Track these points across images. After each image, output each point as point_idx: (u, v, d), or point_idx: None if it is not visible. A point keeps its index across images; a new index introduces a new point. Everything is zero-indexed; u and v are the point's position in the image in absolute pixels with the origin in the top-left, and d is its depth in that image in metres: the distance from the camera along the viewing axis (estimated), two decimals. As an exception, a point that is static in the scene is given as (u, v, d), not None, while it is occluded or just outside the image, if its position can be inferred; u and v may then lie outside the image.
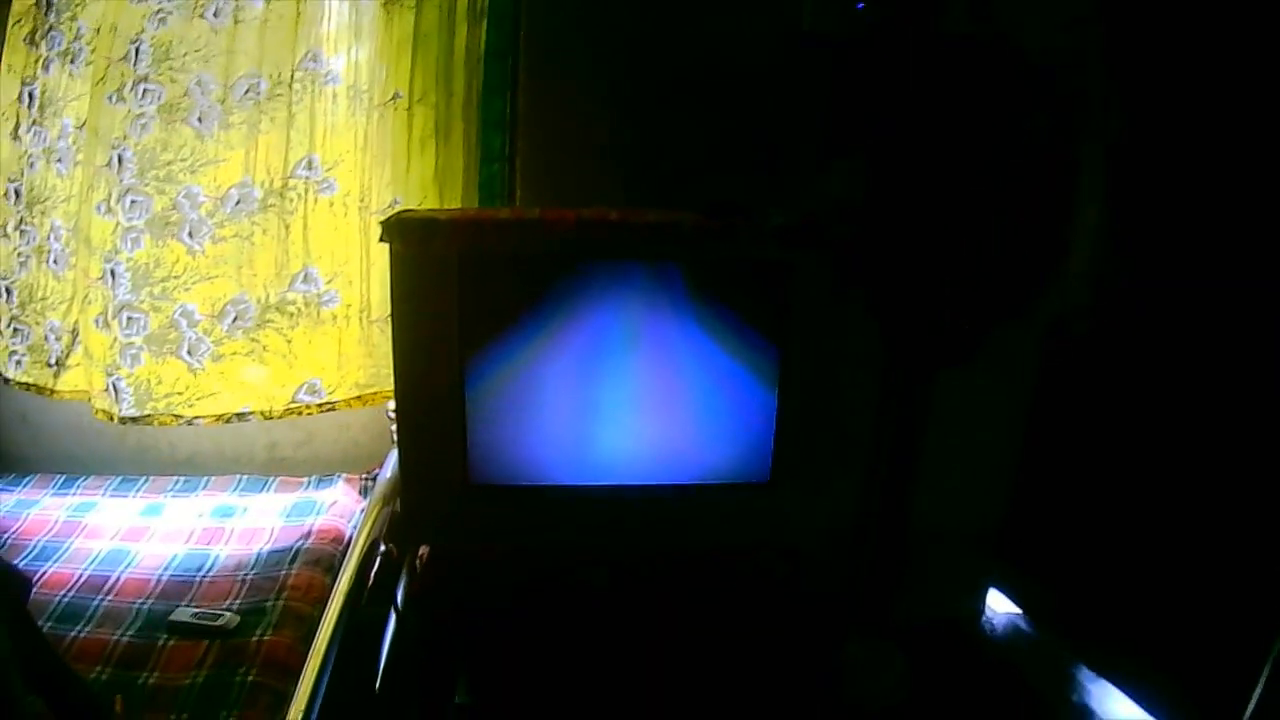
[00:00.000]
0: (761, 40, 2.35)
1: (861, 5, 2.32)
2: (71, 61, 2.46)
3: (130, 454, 2.77)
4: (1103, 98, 1.99)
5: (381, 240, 2.03)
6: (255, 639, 1.95)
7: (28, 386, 2.64)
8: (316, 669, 1.72)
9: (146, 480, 2.66)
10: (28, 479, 2.67)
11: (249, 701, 1.80)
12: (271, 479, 2.63)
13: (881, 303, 2.16)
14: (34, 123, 2.48)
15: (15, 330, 2.61)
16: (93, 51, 2.39)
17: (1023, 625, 2.33)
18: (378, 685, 1.90)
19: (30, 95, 2.47)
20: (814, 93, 2.30)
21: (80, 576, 2.18)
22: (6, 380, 2.67)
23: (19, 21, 2.44)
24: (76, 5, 2.40)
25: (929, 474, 2.14)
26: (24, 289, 2.59)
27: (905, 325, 2.19)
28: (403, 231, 2.03)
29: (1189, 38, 1.96)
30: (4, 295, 2.61)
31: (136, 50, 2.34)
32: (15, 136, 2.52)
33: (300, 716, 1.60)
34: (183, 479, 2.66)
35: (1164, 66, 1.98)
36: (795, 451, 2.11)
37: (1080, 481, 2.15)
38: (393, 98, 2.41)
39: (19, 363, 2.63)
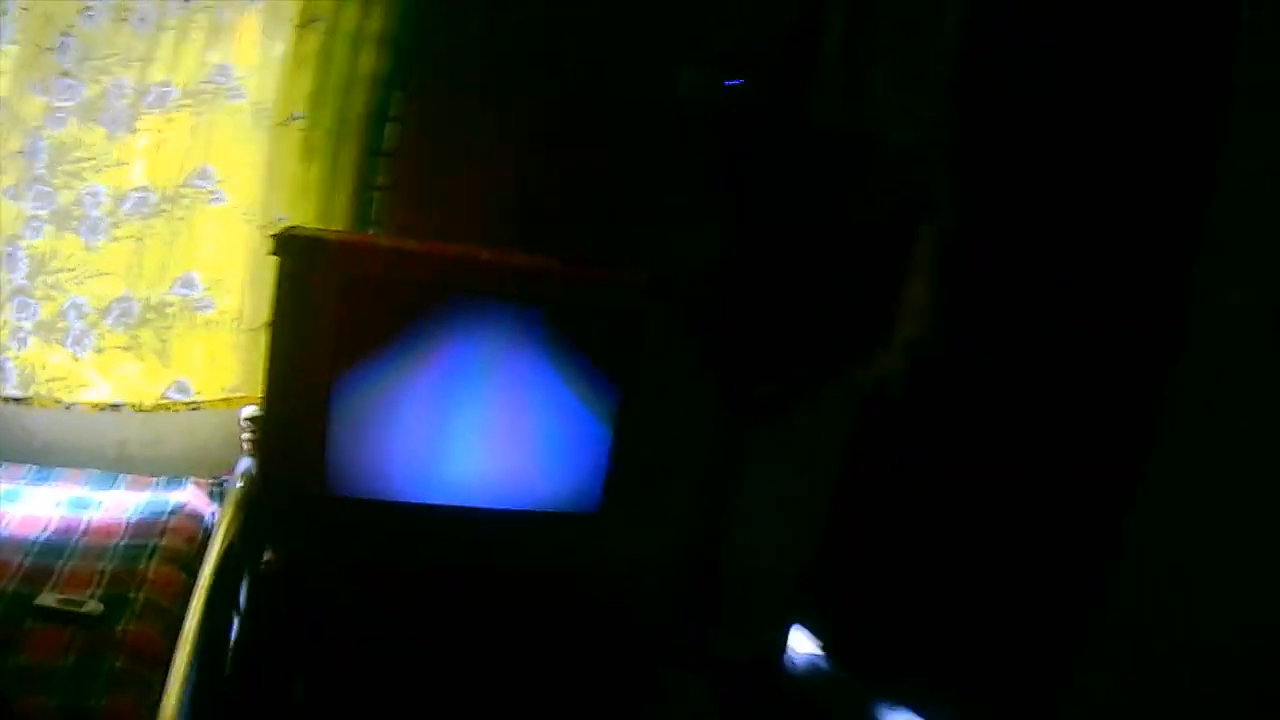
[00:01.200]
0: (639, 106, 2.59)
1: (730, 85, 2.57)
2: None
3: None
4: (942, 187, 2.23)
5: (272, 254, 2.19)
6: (120, 628, 2.03)
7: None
8: (186, 661, 1.86)
9: (2, 466, 2.72)
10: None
11: (118, 687, 1.89)
12: (121, 476, 2.73)
13: (716, 357, 2.39)
14: None
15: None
16: (20, 33, 2.49)
17: (823, 663, 2.56)
18: (227, 681, 2.04)
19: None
20: (681, 159, 2.55)
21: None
22: None
23: None
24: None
25: (745, 517, 2.38)
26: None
27: (732, 379, 2.42)
28: (293, 247, 2.21)
29: (1015, 141, 2.25)
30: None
31: (64, 43, 2.48)
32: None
33: (174, 704, 1.75)
34: (35, 468, 2.72)
35: (993, 163, 2.23)
36: (625, 487, 2.34)
37: (881, 529, 2.41)
38: (291, 118, 2.59)
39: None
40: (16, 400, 2.62)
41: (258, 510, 2.33)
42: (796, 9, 2.45)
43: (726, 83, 2.56)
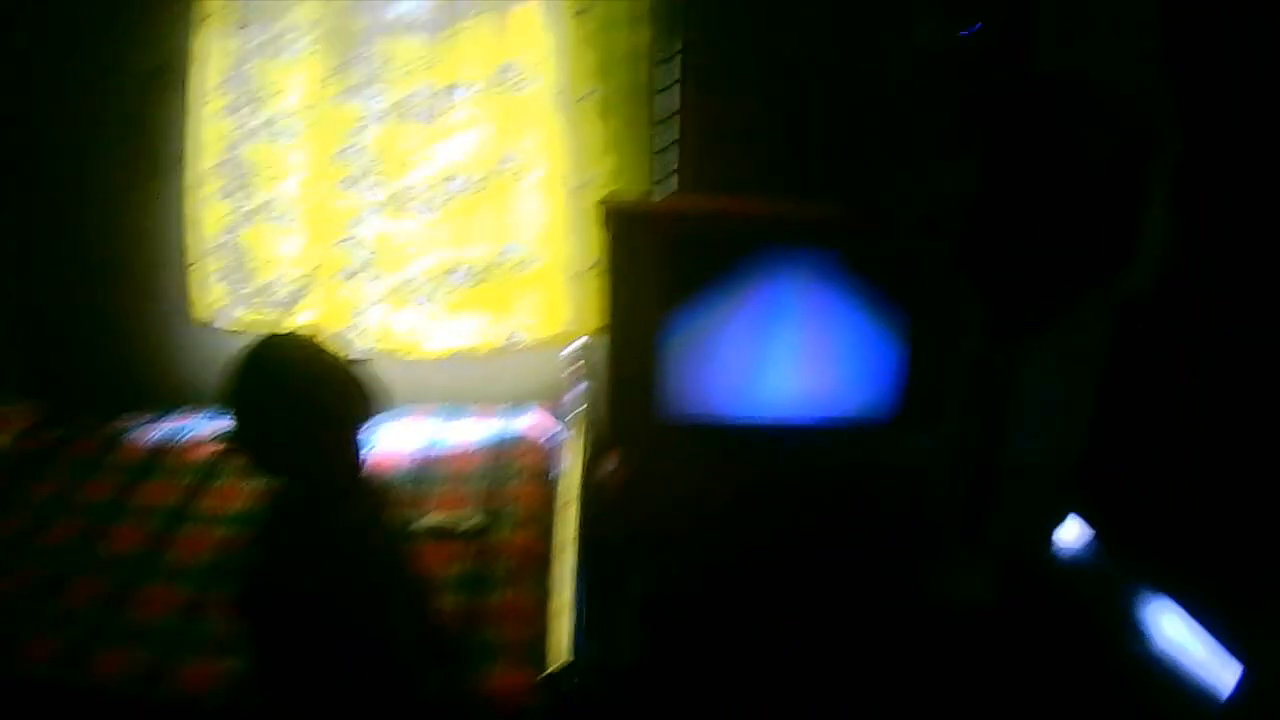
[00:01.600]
0: (889, 54, 2.89)
1: (964, 33, 2.85)
2: (284, 53, 2.97)
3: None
4: (1166, 124, 2.42)
5: (604, 227, 2.59)
6: (506, 537, 2.49)
7: (250, 327, 3.15)
8: (573, 559, 2.24)
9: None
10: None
11: (510, 585, 2.29)
12: (467, 407, 3.17)
13: (985, 280, 2.71)
14: (249, 102, 2.99)
15: (236, 282, 3.12)
16: (320, 50, 2.91)
17: (1093, 552, 2.85)
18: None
19: (240, 78, 2.98)
20: (934, 104, 2.86)
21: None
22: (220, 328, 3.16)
23: (212, 16, 2.93)
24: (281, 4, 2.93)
25: (1020, 420, 2.69)
26: (245, 246, 3.10)
27: (998, 301, 2.72)
28: (619, 218, 2.61)
29: (1236, 73, 2.44)
30: (222, 253, 3.11)
31: (363, 56, 2.91)
32: (221, 116, 3.01)
33: (568, 596, 2.10)
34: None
35: (1216, 98, 2.45)
36: (916, 398, 2.73)
37: (1147, 427, 2.70)
38: (585, 94, 2.97)
39: (240, 307, 3.15)
40: (369, 357, 3.08)
41: (603, 430, 2.74)
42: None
43: (960, 31, 2.84)
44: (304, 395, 1.51)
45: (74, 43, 3.01)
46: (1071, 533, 2.90)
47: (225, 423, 1.52)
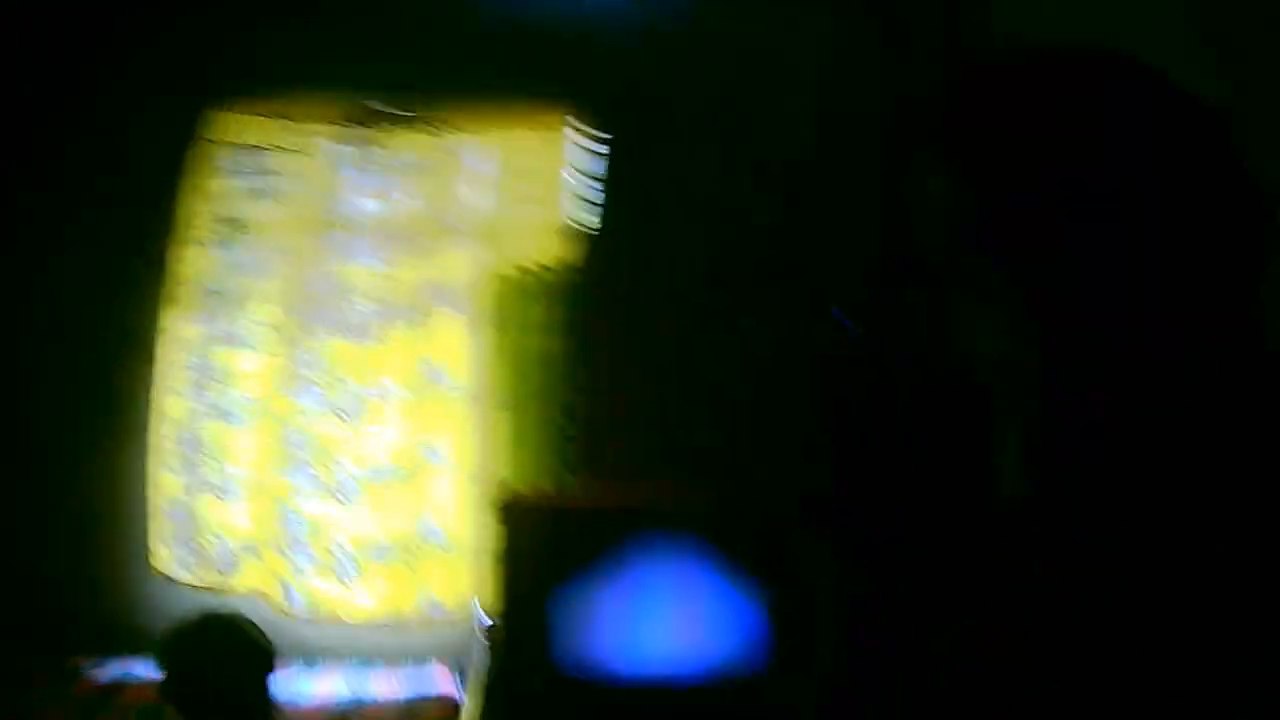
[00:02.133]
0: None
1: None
2: (238, 344, 3.46)
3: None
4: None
5: (499, 521, 3.00)
6: None
7: (196, 587, 3.53)
8: None
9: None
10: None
11: None
12: (376, 662, 3.49)
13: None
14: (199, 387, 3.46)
15: (184, 544, 3.53)
16: (260, 345, 3.40)
17: None
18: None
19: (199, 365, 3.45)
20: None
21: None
22: (172, 581, 3.56)
23: (180, 300, 3.43)
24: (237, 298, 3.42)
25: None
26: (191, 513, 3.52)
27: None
28: (512, 514, 3.02)
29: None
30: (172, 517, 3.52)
31: (304, 358, 3.39)
32: (180, 395, 3.47)
33: None
34: (300, 659, 3.48)
35: None
36: (785, 648, 3.09)
37: None
38: (495, 398, 3.48)
39: (187, 568, 3.55)
40: (305, 620, 3.50)
41: (500, 691, 3.11)
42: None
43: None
44: (226, 654, 2.00)
45: (57, 316, 3.50)
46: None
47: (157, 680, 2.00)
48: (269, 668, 2.06)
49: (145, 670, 3.33)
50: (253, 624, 2.08)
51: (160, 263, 3.47)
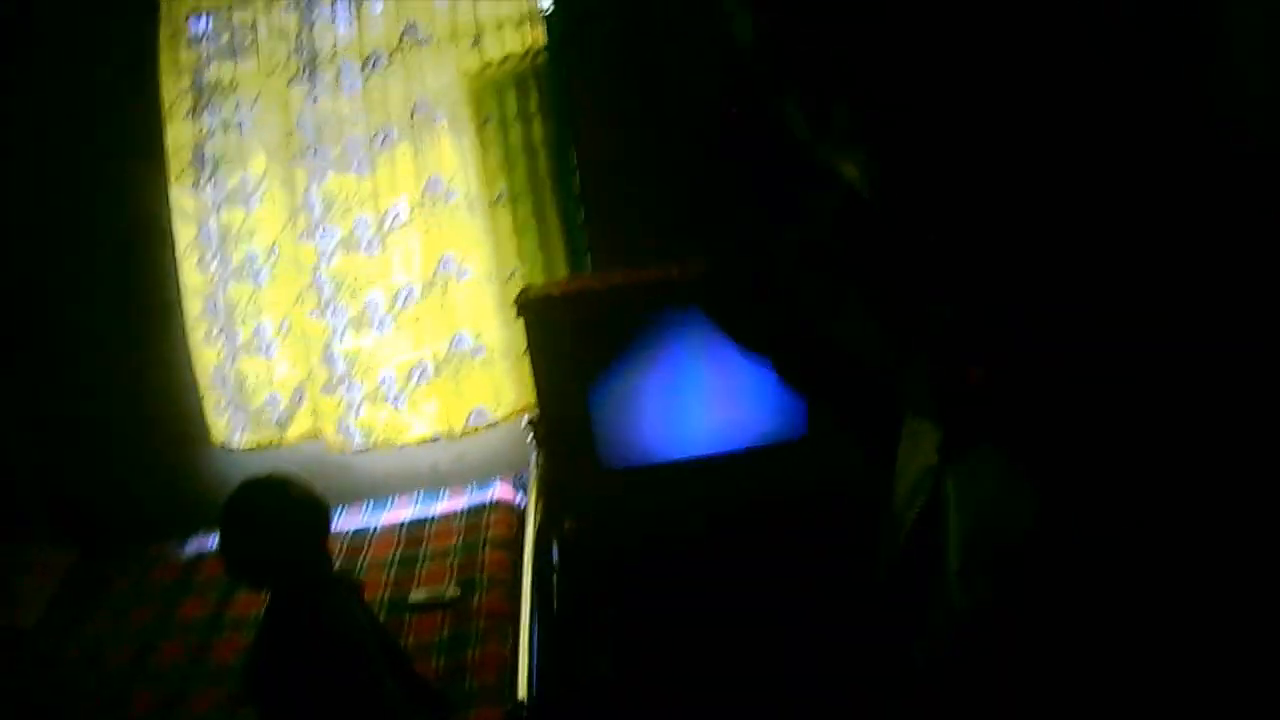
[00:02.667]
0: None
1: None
2: (244, 204, 3.49)
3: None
4: None
5: (517, 316, 3.04)
6: (475, 602, 2.95)
7: (254, 448, 3.67)
8: (528, 613, 2.64)
9: (344, 508, 3.64)
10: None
11: (483, 642, 2.76)
12: (443, 490, 3.67)
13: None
14: (216, 253, 3.53)
15: (235, 409, 3.65)
16: (270, 198, 3.46)
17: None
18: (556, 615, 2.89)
19: (209, 232, 3.52)
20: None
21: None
22: (231, 450, 3.69)
23: (180, 174, 3.48)
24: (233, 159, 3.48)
25: None
26: (236, 377, 3.62)
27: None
28: (530, 307, 3.06)
29: None
30: (220, 385, 3.63)
31: (309, 200, 3.41)
32: (200, 266, 3.53)
33: (525, 644, 2.51)
34: (372, 500, 3.67)
35: None
36: (826, 416, 3.10)
37: None
38: (498, 198, 3.48)
39: (242, 430, 3.66)
40: (364, 451, 3.63)
41: (552, 492, 3.20)
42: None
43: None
44: (275, 527, 2.04)
45: (66, 211, 3.60)
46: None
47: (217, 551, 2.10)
48: (323, 528, 2.12)
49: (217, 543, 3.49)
50: (300, 484, 2.12)
51: (153, 138, 3.49)
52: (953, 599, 2.28)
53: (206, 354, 3.63)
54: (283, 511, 2.06)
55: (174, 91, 3.45)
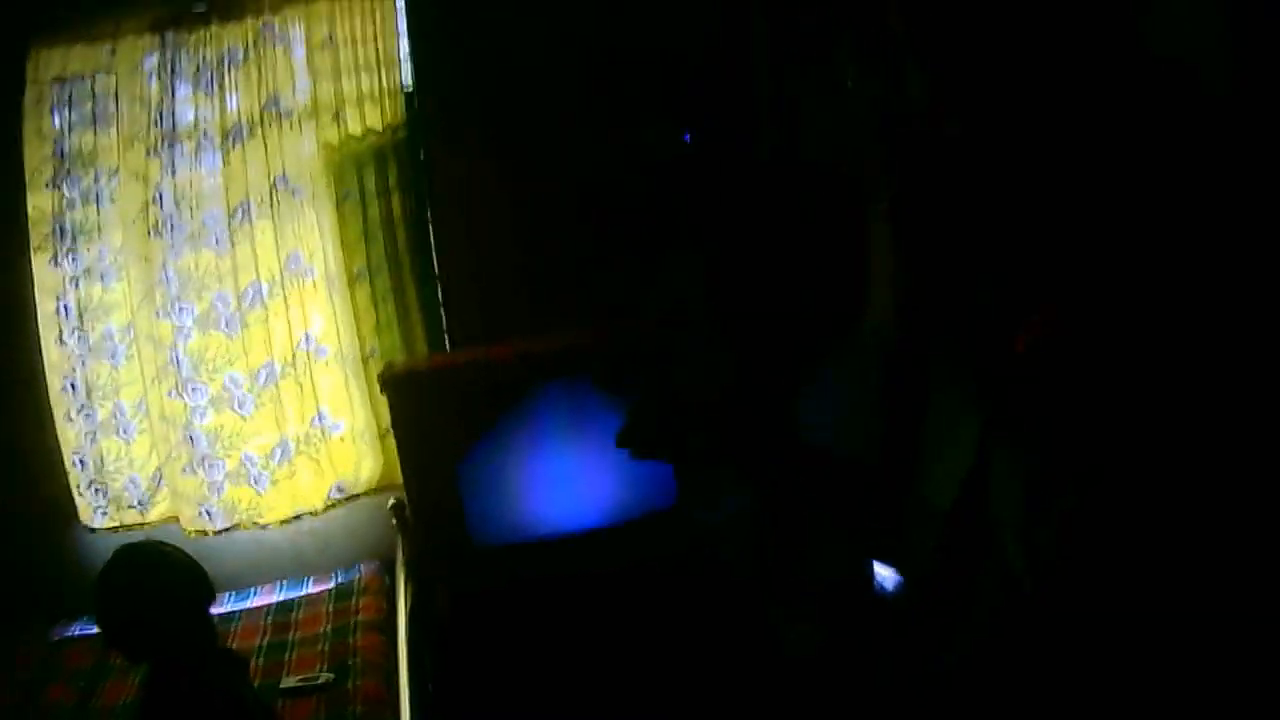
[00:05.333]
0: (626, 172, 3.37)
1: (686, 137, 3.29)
2: (101, 279, 3.46)
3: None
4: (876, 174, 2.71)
5: (381, 393, 3.04)
6: (350, 686, 2.94)
7: (115, 529, 3.61)
8: (407, 695, 2.69)
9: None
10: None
11: None
12: (307, 577, 3.66)
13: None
14: (75, 329, 3.51)
15: (96, 490, 3.59)
16: (127, 275, 3.42)
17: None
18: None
19: (66, 307, 3.50)
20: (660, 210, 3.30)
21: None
22: (92, 530, 3.63)
23: (39, 246, 3.47)
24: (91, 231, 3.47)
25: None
26: (95, 457, 3.57)
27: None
28: (395, 385, 3.07)
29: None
30: (78, 466, 3.58)
31: (166, 276, 3.39)
32: (60, 342, 3.49)
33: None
34: (233, 592, 3.61)
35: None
36: (692, 478, 3.14)
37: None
38: (357, 275, 3.52)
39: (103, 513, 3.61)
40: (225, 531, 3.61)
41: (423, 573, 3.19)
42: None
43: (685, 135, 3.29)
44: (157, 593, 2.03)
45: None
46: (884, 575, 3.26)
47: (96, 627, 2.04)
48: (205, 594, 2.13)
49: (85, 627, 3.40)
50: (180, 552, 2.14)
51: (15, 208, 3.46)
52: (1012, 566, 2.35)
53: (68, 433, 3.59)
54: (162, 575, 2.06)
55: (36, 159, 3.47)
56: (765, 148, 3.16)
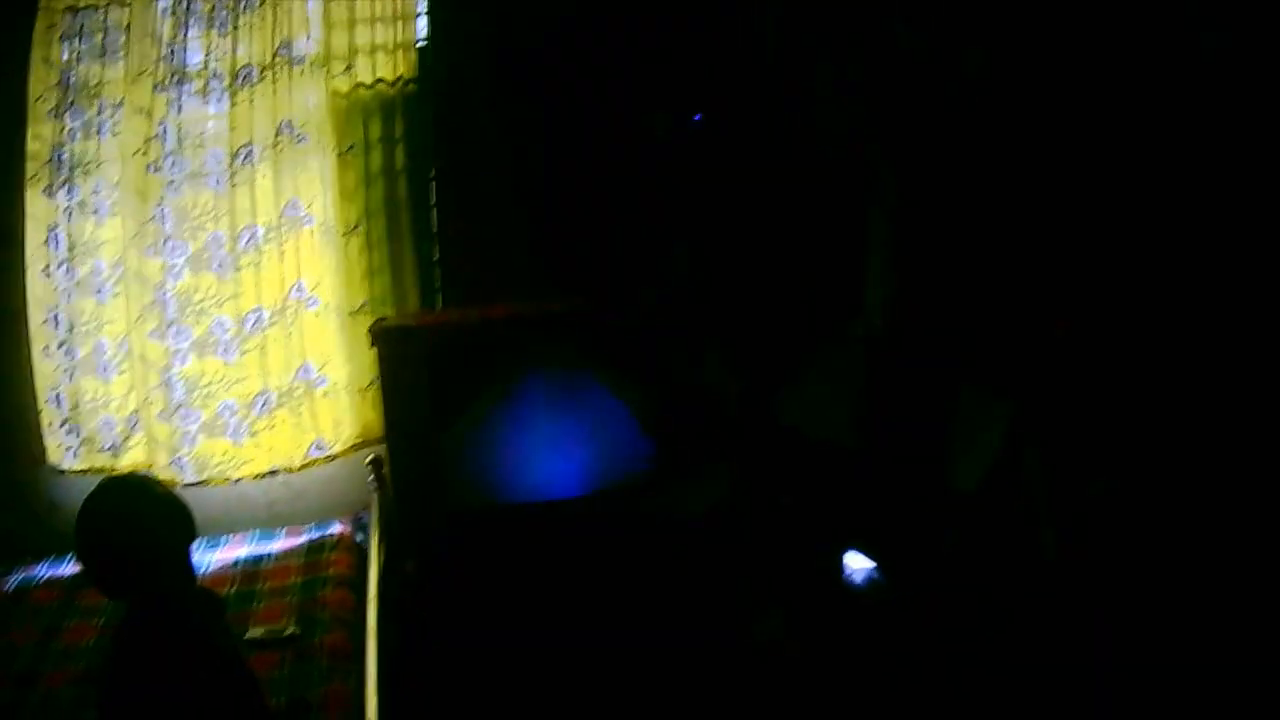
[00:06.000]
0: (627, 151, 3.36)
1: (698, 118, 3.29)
2: (95, 213, 3.42)
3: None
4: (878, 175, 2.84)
5: (372, 346, 3.01)
6: (318, 640, 2.89)
7: (85, 472, 3.55)
8: (374, 652, 2.62)
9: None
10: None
11: (328, 681, 2.70)
12: (279, 529, 3.60)
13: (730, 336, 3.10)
14: (63, 263, 3.45)
15: (69, 429, 3.53)
16: (121, 208, 3.37)
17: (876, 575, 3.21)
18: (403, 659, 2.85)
19: (56, 239, 3.45)
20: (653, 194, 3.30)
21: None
22: (62, 472, 3.57)
23: (35, 176, 3.41)
24: (89, 164, 3.42)
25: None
26: (72, 396, 3.51)
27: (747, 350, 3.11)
28: (386, 338, 3.04)
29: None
30: (54, 403, 3.52)
31: (162, 213, 3.34)
32: (46, 274, 3.44)
33: (374, 684, 2.49)
34: (205, 539, 3.55)
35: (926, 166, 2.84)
36: (672, 450, 3.13)
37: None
38: (354, 227, 3.48)
39: (75, 454, 3.55)
40: (196, 484, 3.54)
41: (396, 533, 3.15)
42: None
43: (689, 120, 3.29)
44: (141, 523, 1.96)
45: None
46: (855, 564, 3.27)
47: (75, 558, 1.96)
48: (187, 530, 2.06)
49: (52, 567, 3.32)
50: (165, 487, 2.09)
51: (12, 138, 3.41)
52: (1043, 550, 2.40)
53: (45, 368, 3.54)
54: (145, 507, 2.00)
55: (40, 87, 3.43)
56: (769, 133, 3.14)
